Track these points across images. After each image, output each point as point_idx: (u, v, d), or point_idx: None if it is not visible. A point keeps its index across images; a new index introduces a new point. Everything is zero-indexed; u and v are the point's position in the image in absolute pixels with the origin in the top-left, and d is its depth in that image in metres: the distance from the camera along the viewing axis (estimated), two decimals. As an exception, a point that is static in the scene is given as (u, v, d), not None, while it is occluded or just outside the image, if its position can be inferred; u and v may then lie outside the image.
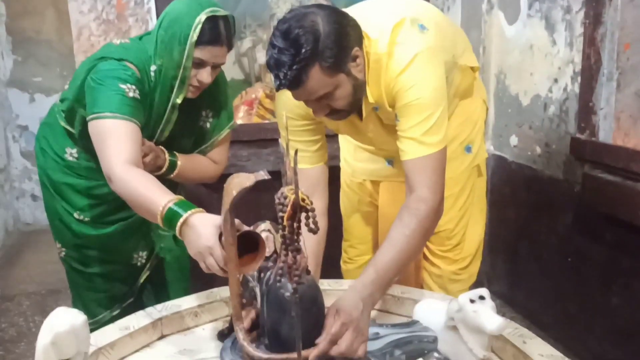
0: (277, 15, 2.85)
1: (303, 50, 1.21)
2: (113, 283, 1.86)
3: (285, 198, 0.96)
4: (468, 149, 1.74)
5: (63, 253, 1.83)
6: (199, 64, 1.58)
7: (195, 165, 1.77)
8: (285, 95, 1.43)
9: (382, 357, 1.14)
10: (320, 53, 1.23)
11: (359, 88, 1.35)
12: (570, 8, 2.27)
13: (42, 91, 4.25)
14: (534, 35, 2.50)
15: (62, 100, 1.74)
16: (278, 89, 1.28)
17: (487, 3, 2.77)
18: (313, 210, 0.97)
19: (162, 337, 1.36)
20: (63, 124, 1.73)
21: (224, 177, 1.22)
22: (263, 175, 1.05)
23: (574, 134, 2.26)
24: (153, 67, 1.59)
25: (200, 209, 1.26)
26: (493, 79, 2.85)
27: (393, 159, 1.72)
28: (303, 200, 0.96)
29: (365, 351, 1.14)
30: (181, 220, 1.23)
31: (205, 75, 1.59)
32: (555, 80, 2.39)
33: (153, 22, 2.49)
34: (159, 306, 1.41)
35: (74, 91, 1.65)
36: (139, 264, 1.87)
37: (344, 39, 1.28)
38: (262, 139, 2.67)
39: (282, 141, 1.00)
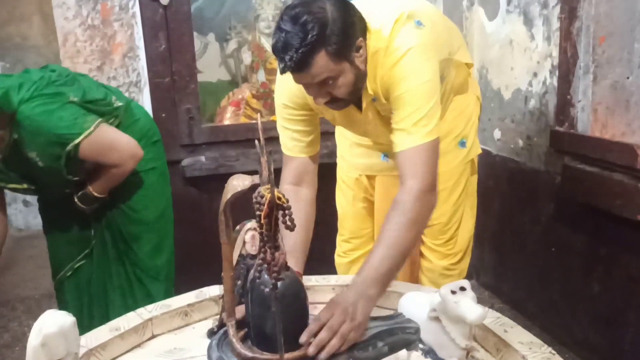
0: (261, 16, 2.87)
1: (310, 35, 1.24)
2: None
3: (262, 197, 0.99)
4: (462, 144, 1.77)
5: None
6: None
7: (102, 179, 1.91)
8: (285, 83, 1.46)
9: (365, 349, 1.16)
10: (327, 39, 1.26)
11: (360, 78, 1.38)
12: (547, 3, 2.30)
13: (30, 97, 4.24)
14: (513, 31, 2.54)
15: None
16: (283, 71, 1.30)
17: (468, 0, 2.81)
18: (289, 208, 1.00)
19: (152, 337, 1.38)
20: None
21: (221, 178, 1.24)
22: (257, 180, 1.09)
23: (553, 127, 2.30)
24: None
25: None
26: (476, 74, 2.88)
27: (389, 153, 1.75)
28: (279, 198, 0.99)
29: (357, 338, 1.15)
30: None
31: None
32: (535, 75, 2.43)
33: (138, 27, 2.51)
34: (149, 306, 1.43)
35: None
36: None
37: (350, 28, 1.31)
38: (249, 139, 2.68)
39: (257, 142, 1.03)
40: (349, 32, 1.31)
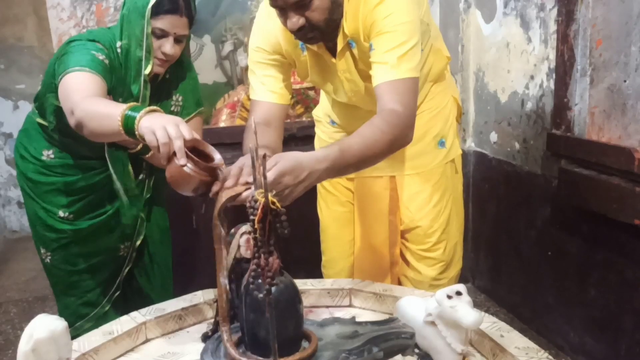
0: (257, 18, 2.87)
1: None
2: (100, 276, 1.90)
3: (255, 202, 0.99)
4: (441, 144, 1.76)
5: (49, 258, 1.85)
6: (161, 35, 1.64)
7: None
8: (261, 27, 1.48)
9: (360, 354, 1.15)
10: None
11: (336, 8, 1.38)
12: (544, 6, 2.31)
13: (26, 98, 4.23)
14: (509, 33, 2.54)
15: (35, 100, 1.80)
16: None
17: (465, 2, 2.81)
18: (283, 213, 1.00)
19: (146, 341, 1.36)
20: (39, 120, 1.78)
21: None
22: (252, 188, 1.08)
23: (550, 130, 2.30)
24: (119, 44, 1.65)
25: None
26: (472, 77, 2.88)
27: None
28: (273, 203, 0.98)
29: (288, 202, 1.12)
30: (142, 112, 1.24)
31: (168, 47, 1.64)
32: (532, 77, 2.43)
33: (133, 28, 2.50)
34: (142, 310, 1.42)
35: (44, 81, 1.71)
36: (125, 254, 1.91)
37: None
38: (245, 142, 2.68)
39: (251, 145, 1.02)
40: None
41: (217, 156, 1.19)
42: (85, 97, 1.42)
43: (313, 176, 1.17)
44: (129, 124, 1.24)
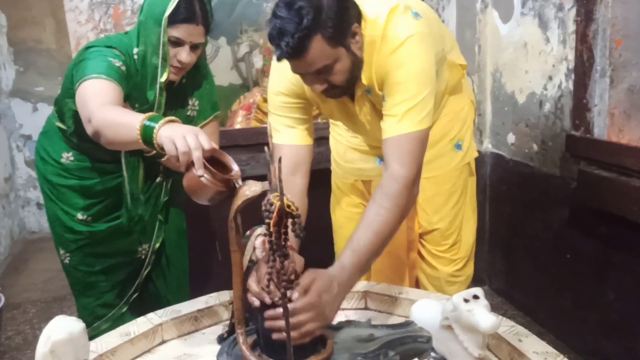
0: (273, 19, 2.87)
1: (305, 20, 1.23)
2: (117, 278, 1.91)
3: (271, 205, 0.98)
4: (458, 147, 1.76)
5: (67, 259, 1.87)
6: (177, 43, 1.63)
7: None
8: (281, 72, 1.46)
9: (375, 358, 1.15)
10: (322, 23, 1.25)
11: (357, 65, 1.38)
12: (563, 6, 2.28)
13: (44, 100, 4.27)
14: (527, 33, 2.52)
15: (55, 104, 1.82)
16: (280, 59, 1.30)
17: (481, 2, 2.78)
18: (299, 216, 0.99)
19: (162, 342, 1.38)
20: (58, 124, 1.79)
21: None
22: (267, 186, 1.08)
23: (569, 131, 2.27)
24: (135, 50, 1.65)
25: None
26: (489, 78, 2.86)
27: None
28: (289, 206, 0.98)
29: (319, 333, 1.14)
30: (161, 122, 1.24)
31: (183, 55, 1.64)
32: (550, 78, 2.40)
33: (150, 31, 2.51)
34: (159, 312, 1.43)
35: (62, 85, 1.72)
36: (143, 256, 1.92)
37: (345, 13, 1.31)
38: (260, 143, 2.68)
39: (267, 147, 1.02)
40: (344, 17, 1.30)
41: (235, 167, 1.19)
42: (101, 105, 1.43)
43: (342, 287, 1.19)
44: (147, 134, 1.25)
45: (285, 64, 1.33)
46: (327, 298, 1.14)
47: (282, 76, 1.49)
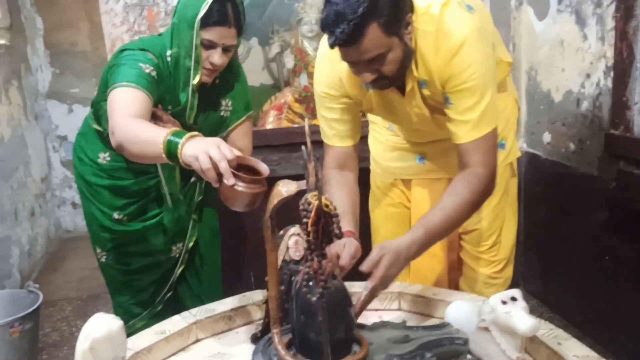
0: (304, 20, 2.87)
1: (362, 7, 1.22)
2: (152, 276, 1.94)
3: (309, 204, 0.98)
4: (501, 145, 1.72)
5: (104, 257, 1.91)
6: (209, 45, 1.64)
7: None
8: (323, 72, 1.48)
9: (412, 359, 1.14)
10: (378, 11, 1.24)
11: (408, 56, 1.36)
12: (601, 2, 2.23)
13: (80, 102, 4.37)
14: (564, 30, 2.47)
15: (91, 106, 1.84)
16: (333, 45, 1.29)
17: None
18: (336, 215, 0.99)
19: (197, 340, 1.38)
20: (95, 126, 1.82)
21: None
22: (304, 186, 1.08)
23: (608, 130, 2.22)
24: (168, 52, 1.67)
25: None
26: (524, 76, 2.81)
27: (425, 155, 1.72)
28: (326, 206, 0.97)
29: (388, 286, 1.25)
30: (185, 137, 1.25)
31: (216, 57, 1.65)
32: (588, 76, 2.35)
33: (183, 32, 2.54)
34: (193, 310, 1.43)
35: (99, 88, 1.75)
36: (177, 255, 1.94)
37: (400, 1, 1.30)
38: (291, 143, 2.68)
39: (304, 147, 1.02)
40: (399, 5, 1.29)
41: (262, 166, 1.21)
42: (125, 118, 1.44)
43: (408, 261, 1.30)
44: (171, 150, 1.27)
45: (326, 64, 1.33)
46: (393, 272, 1.24)
47: (324, 76, 1.51)
